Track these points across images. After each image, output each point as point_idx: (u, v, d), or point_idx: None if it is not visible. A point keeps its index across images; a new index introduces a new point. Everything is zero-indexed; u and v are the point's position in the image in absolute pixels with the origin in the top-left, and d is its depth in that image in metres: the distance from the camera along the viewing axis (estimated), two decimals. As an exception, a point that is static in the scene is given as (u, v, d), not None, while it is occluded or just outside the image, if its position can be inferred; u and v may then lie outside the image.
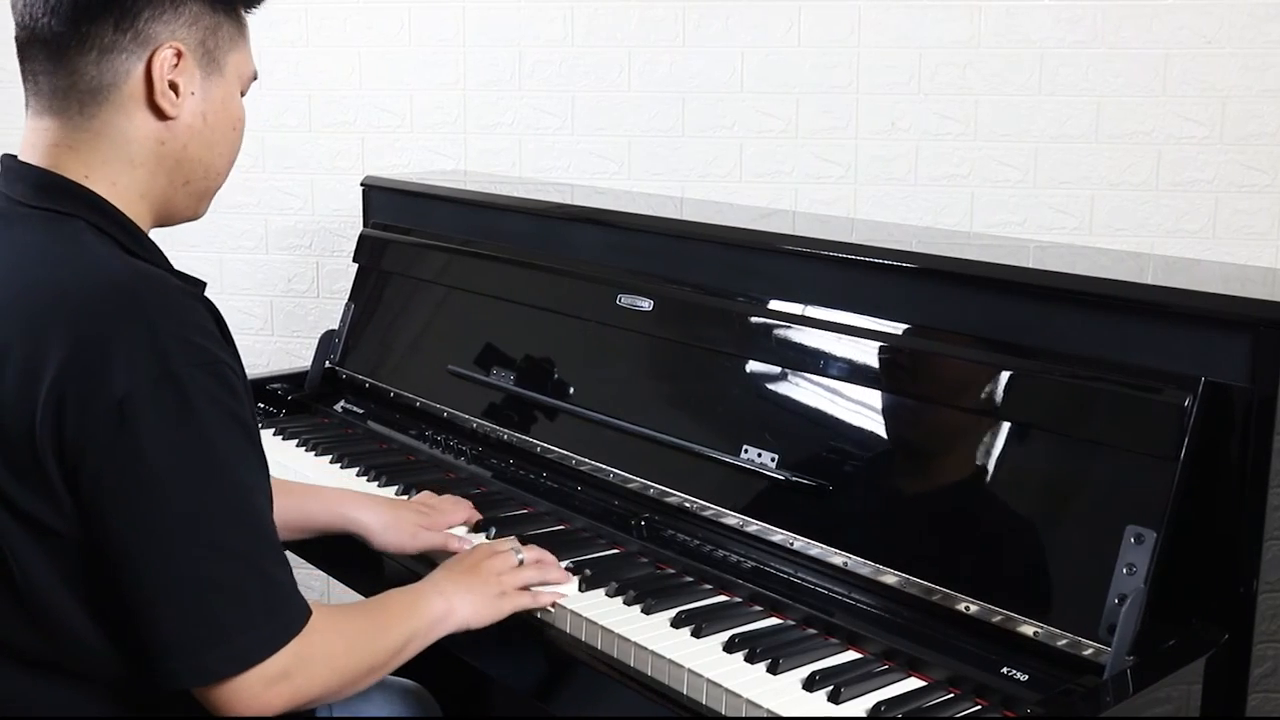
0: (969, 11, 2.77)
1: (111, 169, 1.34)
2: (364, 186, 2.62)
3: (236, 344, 1.35)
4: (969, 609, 1.46)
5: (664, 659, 1.44)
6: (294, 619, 1.27)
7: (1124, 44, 2.71)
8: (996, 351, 1.56)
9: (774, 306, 1.80)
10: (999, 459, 1.52)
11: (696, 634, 1.49)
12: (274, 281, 3.18)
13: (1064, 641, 1.38)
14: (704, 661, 1.43)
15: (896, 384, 1.65)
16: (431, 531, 1.77)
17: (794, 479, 1.67)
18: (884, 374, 1.66)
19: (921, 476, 1.63)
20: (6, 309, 1.24)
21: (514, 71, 3.00)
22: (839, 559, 1.60)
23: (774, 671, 1.41)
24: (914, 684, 1.41)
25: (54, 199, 1.32)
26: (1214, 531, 1.41)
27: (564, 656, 1.56)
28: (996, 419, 1.53)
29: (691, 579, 1.66)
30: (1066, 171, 2.78)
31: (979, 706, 1.36)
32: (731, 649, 1.46)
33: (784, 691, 1.38)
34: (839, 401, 1.69)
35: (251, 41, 1.45)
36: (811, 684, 1.38)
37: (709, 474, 1.78)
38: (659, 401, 1.92)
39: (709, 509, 1.76)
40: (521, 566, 1.60)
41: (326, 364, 2.47)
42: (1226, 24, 2.66)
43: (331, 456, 2.13)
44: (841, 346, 1.69)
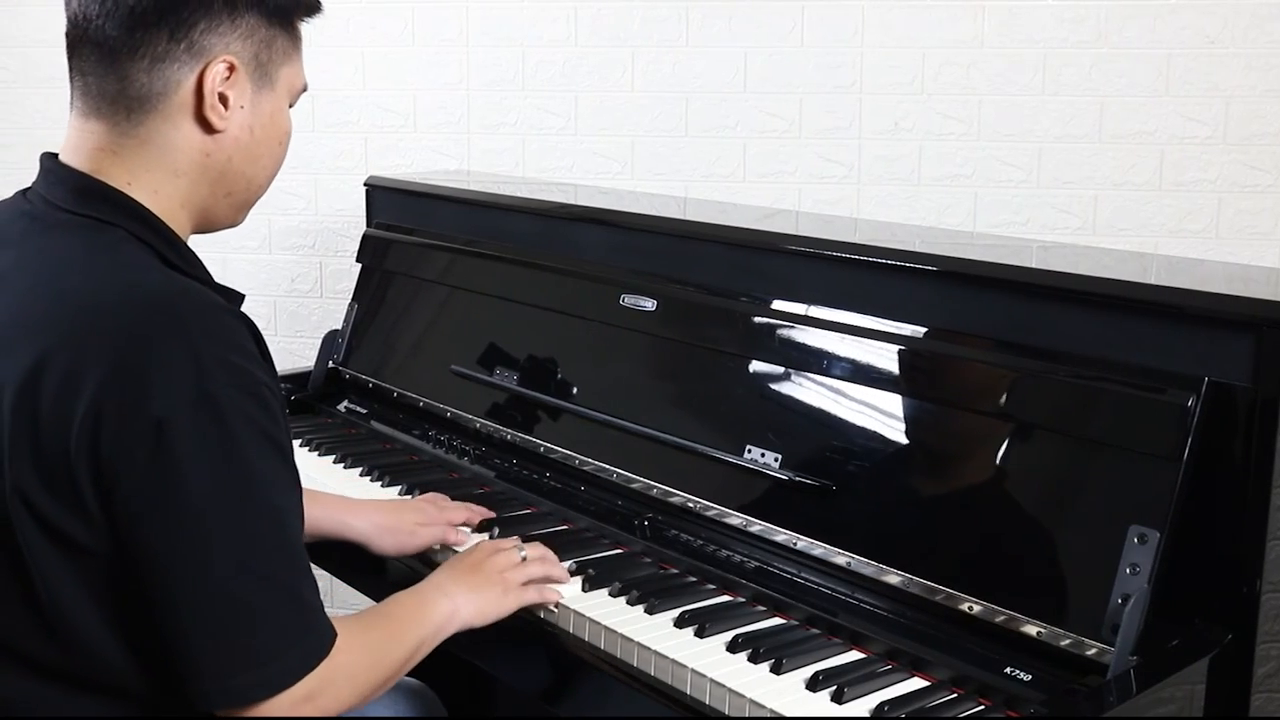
0: (972, 11, 2.77)
1: (154, 177, 1.32)
2: (367, 186, 2.62)
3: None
4: (972, 609, 1.46)
5: (667, 659, 1.45)
6: (322, 642, 1.27)
7: (1127, 44, 2.71)
8: (1000, 352, 1.56)
9: (777, 307, 1.80)
10: (1002, 459, 1.52)
11: (700, 634, 1.49)
12: (277, 281, 3.18)
13: (1067, 641, 1.38)
14: (707, 661, 1.43)
15: (899, 384, 1.65)
16: (426, 529, 1.77)
17: (797, 479, 1.67)
18: (887, 374, 1.66)
19: (924, 477, 1.63)
20: (46, 320, 1.22)
21: (517, 71, 3.01)
22: (842, 559, 1.60)
23: (777, 671, 1.41)
24: (917, 684, 1.41)
25: (94, 205, 1.30)
26: (1217, 531, 1.40)
27: (567, 656, 1.56)
28: (999, 419, 1.53)
29: (695, 579, 1.66)
30: (1070, 171, 2.78)
31: (982, 706, 1.36)
32: (735, 649, 1.46)
33: (787, 691, 1.38)
34: (842, 402, 1.69)
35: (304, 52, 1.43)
36: (815, 684, 1.38)
37: (712, 474, 1.78)
38: (662, 402, 1.92)
39: (712, 509, 1.76)
40: (525, 562, 1.59)
41: (330, 364, 2.48)
42: (1230, 24, 2.66)
43: (335, 456, 2.13)
44: (844, 347, 1.69)
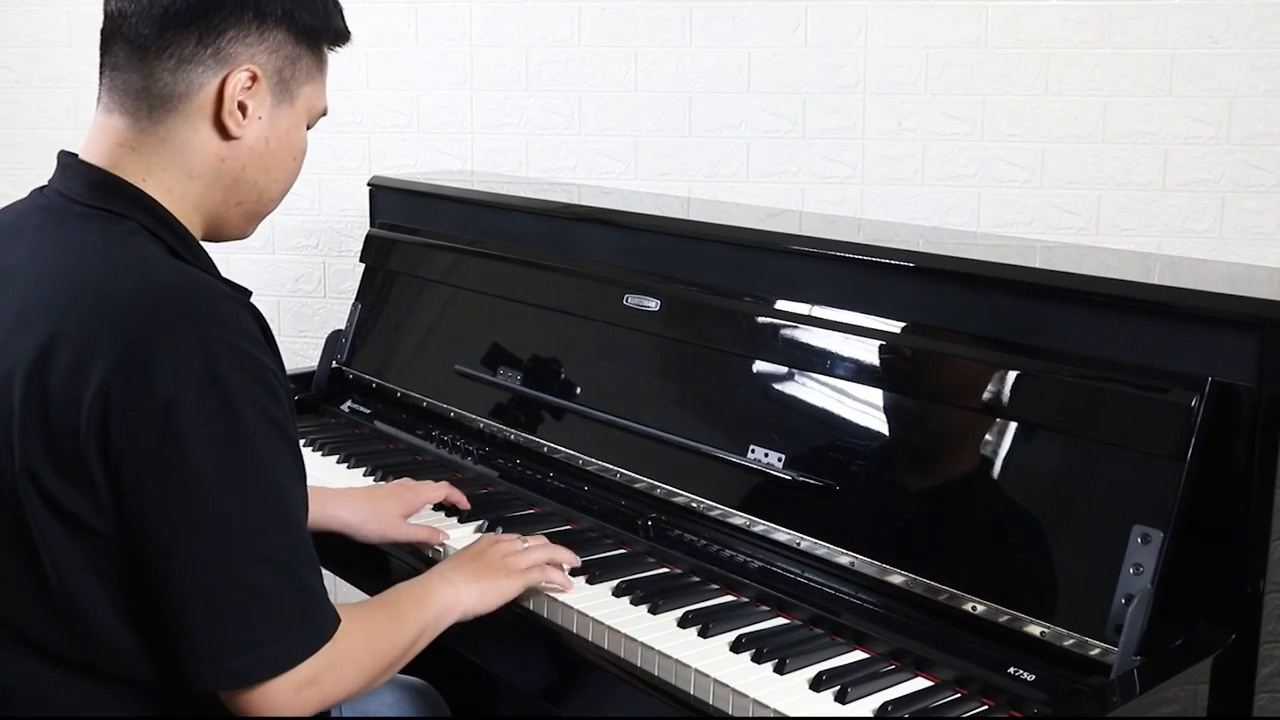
0: (976, 12, 2.77)
1: (169, 176, 1.35)
2: (371, 186, 2.62)
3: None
4: (976, 609, 1.46)
5: (671, 658, 1.45)
6: (325, 626, 1.27)
7: (1131, 44, 2.71)
8: (1003, 352, 1.56)
9: (781, 306, 1.80)
10: (1005, 459, 1.52)
11: (703, 634, 1.50)
12: (281, 281, 3.18)
13: (1071, 641, 1.38)
14: (711, 661, 1.43)
15: (903, 384, 1.66)
16: (414, 524, 1.80)
17: (801, 479, 1.67)
18: (891, 374, 1.67)
19: (928, 476, 1.63)
20: (58, 305, 1.25)
21: (521, 72, 3.01)
22: (846, 559, 1.60)
23: (781, 671, 1.41)
24: (921, 684, 1.41)
25: (109, 199, 1.32)
26: (1221, 531, 1.41)
27: (570, 656, 1.56)
28: (1003, 419, 1.53)
29: (698, 579, 1.66)
30: (1073, 171, 2.78)
31: (986, 706, 1.36)
32: (738, 649, 1.46)
33: (791, 691, 1.38)
34: (846, 401, 1.69)
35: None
36: (818, 684, 1.38)
37: (716, 474, 1.78)
38: (666, 401, 1.92)
39: (716, 509, 1.76)
40: (527, 549, 1.60)
41: (333, 364, 2.48)
42: (1233, 24, 2.66)
43: (338, 456, 2.13)
44: (848, 346, 1.69)
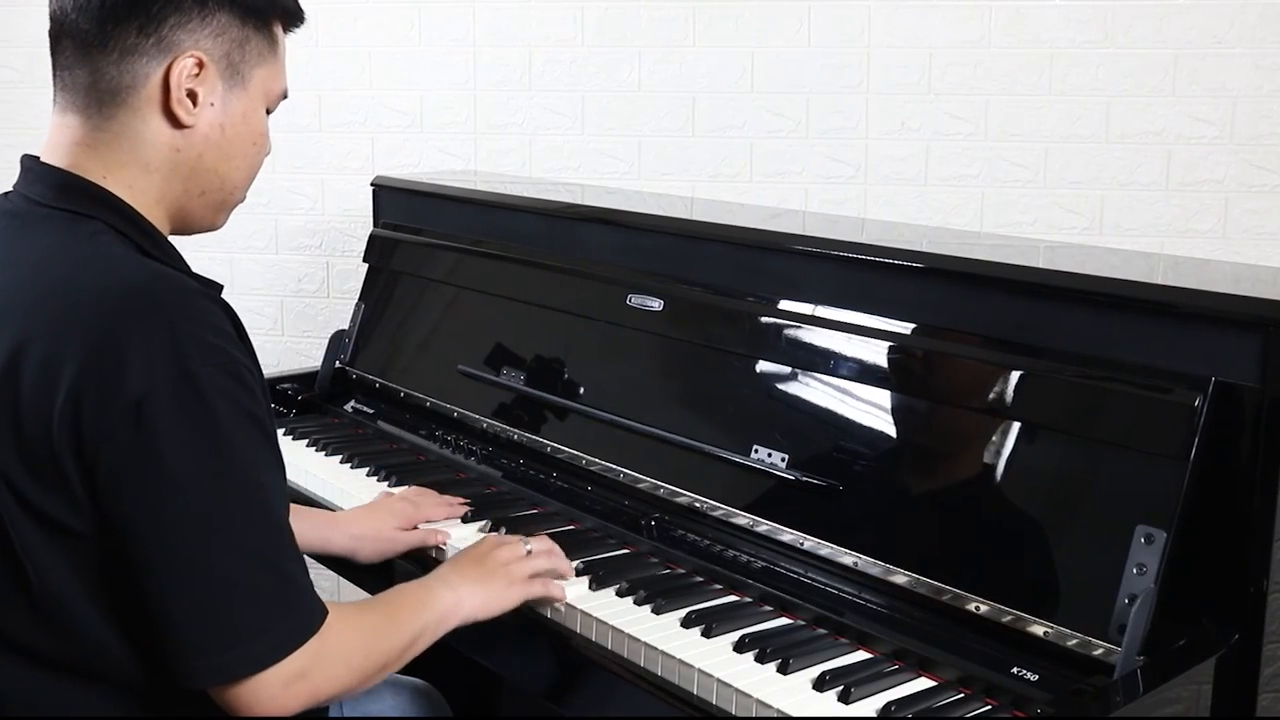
0: (979, 11, 2.77)
1: (128, 172, 1.34)
2: (374, 186, 2.62)
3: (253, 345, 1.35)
4: (979, 609, 1.46)
5: (674, 659, 1.45)
6: (311, 619, 1.27)
7: (1134, 44, 2.71)
8: (1007, 352, 1.56)
9: (784, 306, 1.80)
10: (1009, 459, 1.52)
11: (707, 634, 1.50)
12: (284, 281, 3.18)
13: (1074, 641, 1.38)
14: (714, 661, 1.43)
15: (906, 384, 1.65)
16: (408, 532, 1.78)
17: (804, 479, 1.67)
18: (894, 374, 1.66)
19: (931, 476, 1.63)
20: (27, 309, 1.24)
21: (524, 72, 3.01)
22: (849, 559, 1.60)
23: (784, 671, 1.41)
24: (924, 684, 1.41)
25: (73, 200, 1.32)
26: (1224, 531, 1.40)
27: (573, 656, 1.56)
28: (1006, 419, 1.53)
29: (701, 579, 1.66)
30: (1077, 171, 2.78)
31: (989, 706, 1.36)
32: (742, 649, 1.46)
33: (794, 691, 1.38)
34: (849, 401, 1.69)
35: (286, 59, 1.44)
36: (822, 684, 1.38)
37: (719, 474, 1.78)
38: (669, 401, 1.92)
39: (719, 509, 1.76)
40: (530, 556, 1.59)
41: (337, 364, 2.48)
42: (1237, 23, 2.66)
43: (341, 456, 2.13)
44: (851, 347, 1.69)
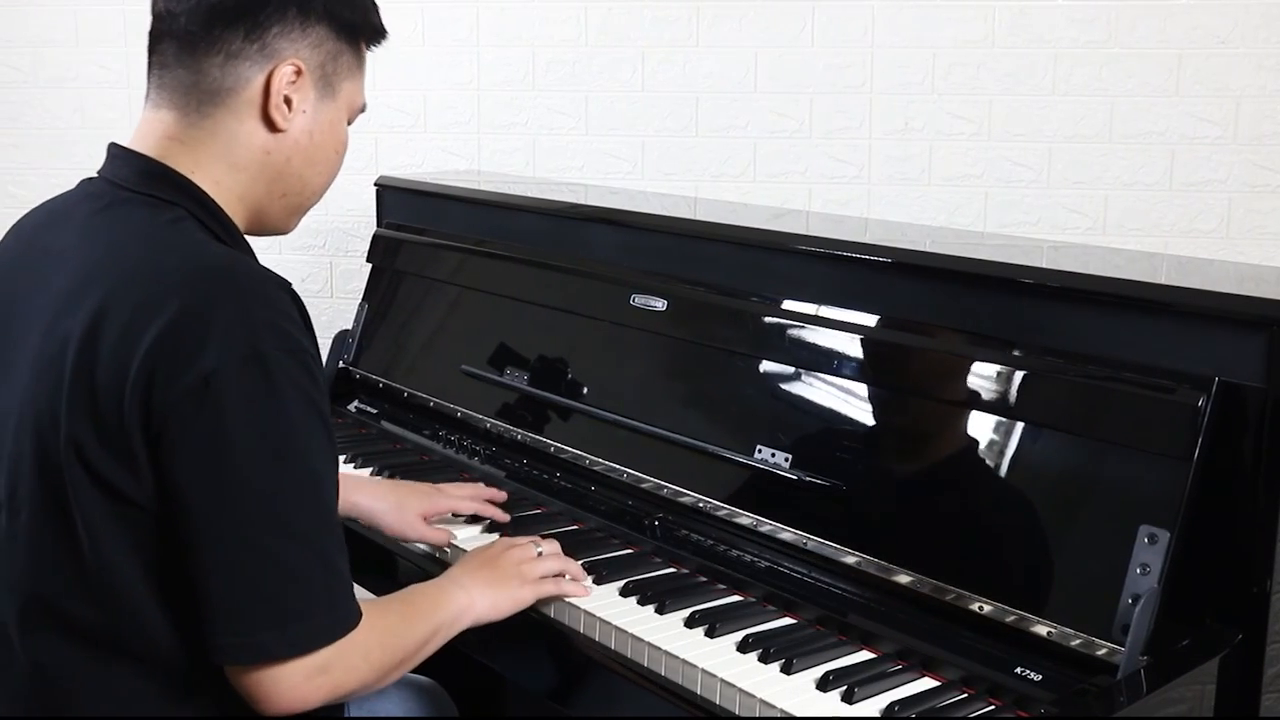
0: (982, 12, 2.77)
1: (217, 168, 1.39)
2: (378, 187, 2.62)
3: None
4: (982, 609, 1.46)
5: (677, 659, 1.45)
6: (348, 616, 1.28)
7: (1137, 44, 2.71)
8: (1009, 352, 1.56)
9: (788, 306, 1.80)
10: (1012, 459, 1.52)
11: (710, 634, 1.50)
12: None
13: (1077, 641, 1.38)
14: (718, 661, 1.43)
15: (910, 384, 1.66)
16: (432, 526, 1.79)
17: (807, 479, 1.67)
18: (897, 374, 1.67)
19: (934, 476, 1.63)
20: (110, 281, 1.27)
21: (527, 72, 3.01)
22: (852, 559, 1.60)
23: (788, 671, 1.42)
24: (927, 684, 1.41)
25: (157, 186, 1.36)
26: (1228, 531, 1.40)
27: (578, 656, 1.56)
28: (1009, 419, 1.53)
29: (705, 579, 1.66)
30: (1080, 171, 2.78)
31: (993, 706, 1.37)
32: (745, 649, 1.46)
33: (798, 691, 1.38)
34: (851, 401, 1.69)
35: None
36: (825, 684, 1.39)
37: (723, 474, 1.78)
38: (673, 401, 1.93)
39: (723, 509, 1.76)
40: (541, 558, 1.60)
41: (340, 364, 2.48)
42: (1240, 24, 2.66)
43: (346, 456, 2.13)
44: (854, 346, 1.70)
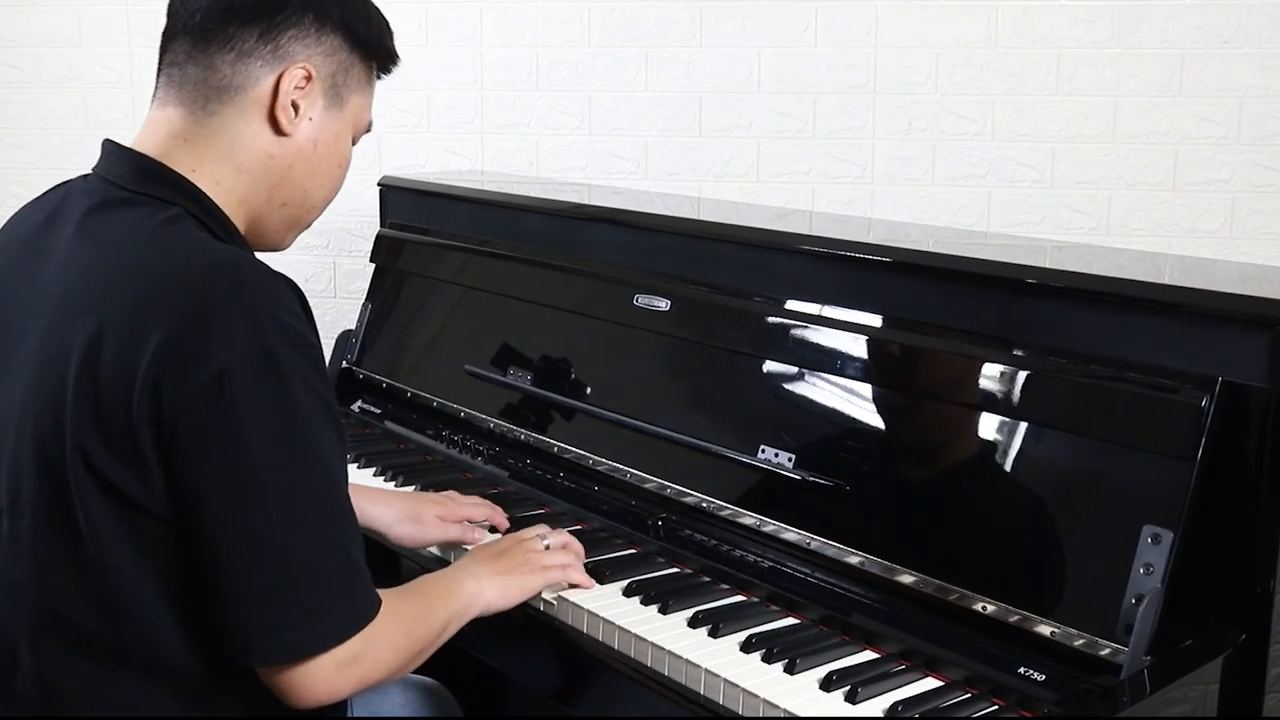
0: (986, 12, 2.77)
1: (219, 168, 1.37)
2: (381, 186, 2.62)
3: None
4: (986, 609, 1.46)
5: (681, 659, 1.45)
6: (370, 604, 1.28)
7: (1141, 44, 2.71)
8: (1012, 352, 1.56)
9: (791, 306, 1.80)
10: (1015, 459, 1.52)
11: (714, 634, 1.50)
12: (291, 281, 3.19)
13: (1081, 641, 1.38)
14: (721, 661, 1.43)
15: (913, 384, 1.66)
16: (447, 523, 1.79)
17: (811, 479, 1.67)
18: (900, 374, 1.67)
19: (938, 476, 1.63)
20: (109, 288, 1.26)
21: (531, 72, 3.01)
22: (856, 559, 1.60)
23: (791, 671, 1.42)
24: (931, 684, 1.41)
25: (154, 185, 1.34)
26: (1231, 531, 1.40)
27: (581, 656, 1.56)
28: (1013, 419, 1.53)
29: (709, 579, 1.66)
30: (1083, 171, 2.78)
31: (996, 706, 1.37)
32: (749, 649, 1.46)
33: (801, 691, 1.38)
34: (855, 401, 1.69)
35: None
36: (828, 684, 1.39)
37: (726, 474, 1.78)
38: (676, 401, 1.93)
39: (726, 509, 1.76)
40: (549, 551, 1.61)
41: (344, 364, 2.48)
42: (1243, 24, 2.66)
43: (349, 456, 2.13)
44: (857, 346, 1.70)
